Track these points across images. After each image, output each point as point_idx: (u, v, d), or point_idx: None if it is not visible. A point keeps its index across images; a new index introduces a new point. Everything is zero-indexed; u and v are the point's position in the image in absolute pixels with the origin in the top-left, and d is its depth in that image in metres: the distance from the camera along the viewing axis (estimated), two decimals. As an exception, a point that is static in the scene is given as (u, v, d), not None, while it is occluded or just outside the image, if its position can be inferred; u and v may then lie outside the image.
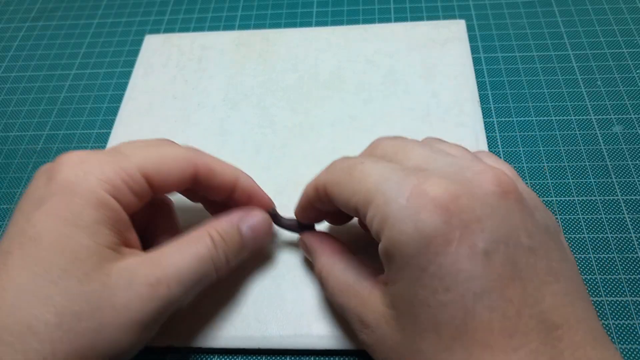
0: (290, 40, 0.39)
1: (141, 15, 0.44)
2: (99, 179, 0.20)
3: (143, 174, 0.21)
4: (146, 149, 0.22)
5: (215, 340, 0.25)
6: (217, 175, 0.24)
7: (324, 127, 0.33)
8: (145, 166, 0.21)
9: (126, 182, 0.21)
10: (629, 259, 0.27)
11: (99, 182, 0.20)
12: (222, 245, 0.22)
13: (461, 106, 0.33)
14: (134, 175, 0.21)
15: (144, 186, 0.21)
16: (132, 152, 0.22)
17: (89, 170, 0.20)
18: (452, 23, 0.38)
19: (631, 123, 0.33)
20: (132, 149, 0.22)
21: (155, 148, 0.22)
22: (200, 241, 0.22)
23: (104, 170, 0.20)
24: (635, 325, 0.25)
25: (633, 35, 0.38)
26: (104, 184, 0.20)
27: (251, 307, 0.26)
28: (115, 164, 0.21)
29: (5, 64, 0.42)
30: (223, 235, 0.23)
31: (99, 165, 0.20)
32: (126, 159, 0.21)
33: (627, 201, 0.29)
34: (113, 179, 0.20)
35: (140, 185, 0.21)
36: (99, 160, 0.21)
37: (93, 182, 0.20)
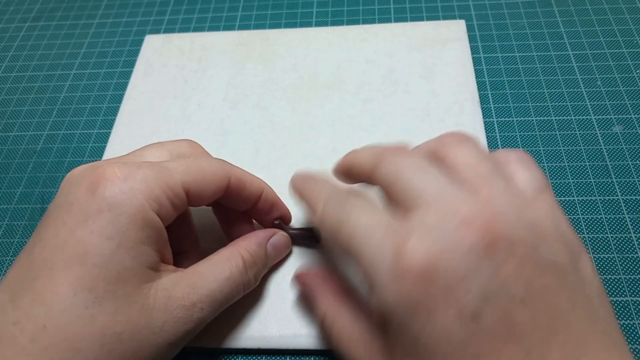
0: (290, 40, 0.39)
1: (141, 15, 0.44)
2: (146, 196, 0.20)
3: (185, 189, 0.21)
4: (187, 164, 0.22)
5: (215, 340, 0.25)
6: (247, 188, 0.24)
7: (324, 127, 0.33)
8: (187, 182, 0.22)
9: (170, 198, 0.21)
10: (629, 259, 0.27)
11: (146, 200, 0.20)
12: (253, 267, 0.23)
13: (461, 106, 0.33)
14: (177, 191, 0.21)
15: (184, 200, 0.22)
16: (174, 167, 0.22)
17: (135, 187, 0.20)
18: (452, 23, 0.38)
19: (631, 123, 0.33)
20: (172, 163, 0.22)
21: (194, 162, 0.23)
22: (233, 262, 0.22)
23: (151, 187, 0.20)
24: (635, 325, 0.25)
25: (633, 35, 0.38)
26: (151, 202, 0.20)
27: (251, 307, 0.26)
28: (161, 180, 0.21)
29: (5, 64, 0.42)
30: (254, 256, 0.24)
31: (145, 182, 0.20)
32: (170, 174, 0.21)
33: (627, 201, 0.29)
34: (159, 197, 0.20)
35: (181, 200, 0.22)
36: (145, 177, 0.20)
37: (140, 199, 0.20)
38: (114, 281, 0.19)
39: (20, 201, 0.33)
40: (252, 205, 0.25)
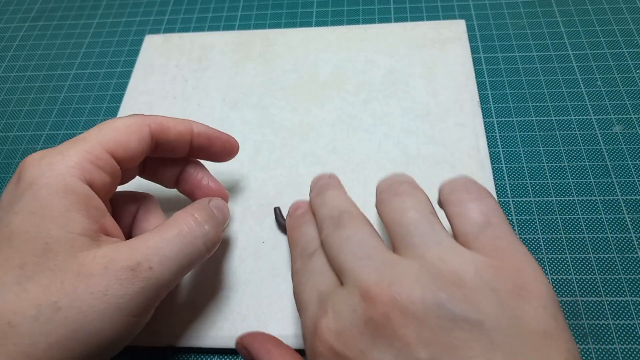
0: (290, 40, 0.39)
1: (141, 15, 0.44)
2: (64, 165, 0.20)
3: (106, 150, 0.22)
4: (99, 128, 0.22)
5: (215, 341, 0.25)
6: (171, 128, 0.24)
7: (324, 127, 0.33)
8: (105, 141, 0.22)
9: (93, 162, 0.21)
10: (629, 259, 0.27)
11: (65, 168, 0.20)
12: (209, 221, 0.23)
13: (461, 106, 0.33)
14: (98, 153, 0.21)
15: (111, 161, 0.22)
16: (88, 133, 0.22)
17: (52, 160, 0.20)
18: (452, 23, 0.38)
19: (631, 123, 0.33)
20: (85, 133, 0.22)
21: (106, 124, 0.23)
22: (182, 221, 0.22)
23: (68, 156, 0.20)
24: (635, 325, 0.25)
25: (633, 35, 0.38)
26: (71, 169, 0.20)
27: (251, 307, 0.26)
28: (77, 147, 0.21)
29: (5, 64, 0.42)
30: (203, 214, 0.23)
31: (61, 154, 0.21)
32: (84, 140, 0.21)
33: (627, 201, 0.29)
34: (79, 163, 0.20)
35: (107, 162, 0.22)
36: (61, 150, 0.21)
37: (58, 170, 0.20)
38: (43, 253, 0.19)
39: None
40: (190, 146, 0.25)
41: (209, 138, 0.26)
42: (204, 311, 0.26)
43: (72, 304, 0.18)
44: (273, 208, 0.29)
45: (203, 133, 0.26)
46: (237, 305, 0.26)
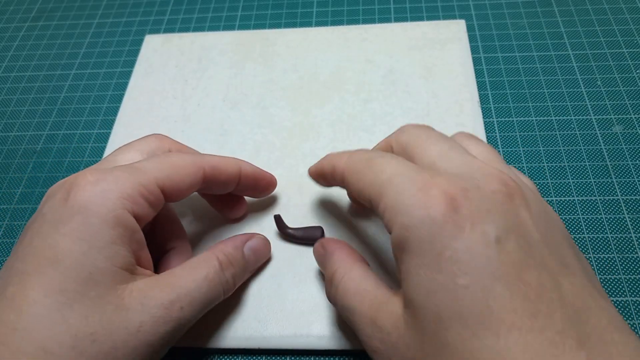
0: (290, 40, 0.39)
1: (141, 15, 0.44)
2: (118, 196, 0.20)
3: (160, 187, 0.22)
4: (159, 161, 0.22)
5: (215, 340, 0.25)
6: (223, 172, 0.25)
7: (324, 127, 0.33)
8: (161, 179, 0.22)
9: (145, 196, 0.21)
10: (629, 259, 0.27)
11: (118, 199, 0.20)
12: (231, 270, 0.23)
13: (461, 106, 0.33)
14: (151, 188, 0.21)
15: (160, 197, 0.22)
16: (146, 165, 0.22)
17: (107, 188, 0.20)
18: (452, 23, 0.38)
19: (631, 123, 0.33)
20: (143, 163, 0.22)
21: (166, 158, 0.23)
22: (209, 264, 0.23)
23: (123, 187, 0.20)
24: (635, 325, 0.25)
25: (633, 35, 0.38)
26: (123, 201, 0.20)
27: (251, 307, 0.26)
28: (133, 179, 0.21)
29: (5, 64, 0.42)
30: (230, 258, 0.24)
31: (116, 182, 0.20)
32: (142, 173, 0.21)
33: (627, 201, 0.29)
34: (132, 195, 0.20)
35: (157, 198, 0.22)
36: (117, 178, 0.20)
37: (112, 199, 0.20)
38: (86, 282, 0.19)
39: (20, 201, 0.33)
40: (235, 186, 0.26)
41: (255, 179, 0.27)
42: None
43: (107, 338, 0.19)
44: (273, 216, 0.29)
45: (250, 175, 0.26)
46: (236, 305, 0.26)
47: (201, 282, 0.22)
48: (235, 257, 0.24)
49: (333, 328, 0.25)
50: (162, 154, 0.24)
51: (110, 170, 0.21)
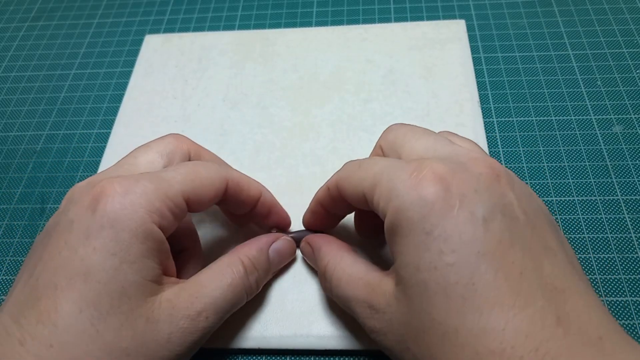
0: (290, 40, 0.39)
1: (141, 15, 0.44)
2: (147, 209, 0.20)
3: (185, 199, 0.22)
4: (185, 172, 0.22)
5: (215, 341, 0.25)
6: (244, 191, 0.24)
7: (324, 127, 0.33)
8: (187, 192, 0.22)
9: (171, 209, 0.21)
10: (629, 259, 0.27)
11: (147, 213, 0.20)
12: (254, 272, 0.23)
13: (461, 106, 0.33)
14: (177, 201, 0.21)
15: (184, 209, 0.22)
16: (173, 176, 0.22)
17: (136, 201, 0.20)
18: (452, 23, 0.38)
19: (631, 123, 0.33)
20: (170, 173, 0.22)
21: (192, 169, 0.22)
22: (234, 269, 0.23)
23: (151, 200, 0.20)
24: (635, 325, 0.25)
25: (633, 35, 0.38)
26: (152, 215, 0.20)
27: (251, 307, 0.26)
28: (160, 192, 0.21)
29: (5, 63, 0.42)
30: (254, 262, 0.23)
31: (145, 195, 0.20)
32: (169, 185, 0.21)
33: (627, 201, 0.29)
34: (160, 209, 0.20)
35: (182, 210, 0.22)
36: (145, 190, 0.20)
37: (141, 213, 0.20)
38: (119, 296, 0.19)
39: (20, 201, 0.33)
40: (250, 209, 0.25)
41: (270, 211, 0.26)
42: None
43: (139, 350, 0.19)
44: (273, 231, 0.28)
45: (267, 204, 0.26)
46: (237, 305, 0.26)
47: (226, 290, 0.22)
48: (260, 260, 0.24)
49: (333, 328, 0.25)
50: (189, 163, 0.23)
51: (137, 180, 0.20)
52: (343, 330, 0.25)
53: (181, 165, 0.23)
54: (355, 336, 0.25)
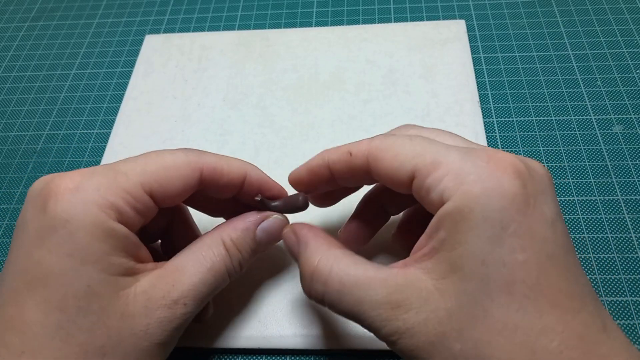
0: (290, 40, 0.39)
1: (141, 15, 0.44)
2: (100, 206, 0.18)
3: (147, 191, 0.20)
4: (144, 162, 0.20)
5: (216, 340, 0.25)
6: (225, 174, 0.22)
7: (324, 127, 0.33)
8: (147, 181, 0.20)
9: (130, 203, 0.19)
10: (629, 259, 0.27)
11: (102, 210, 0.18)
12: (238, 257, 0.22)
13: (461, 106, 0.33)
14: (137, 194, 0.20)
15: (148, 204, 0.20)
16: (129, 168, 0.20)
17: (87, 198, 0.18)
18: (452, 23, 0.38)
19: (631, 123, 0.33)
20: (129, 164, 0.20)
21: (154, 158, 0.21)
22: (215, 251, 0.21)
23: (105, 196, 0.19)
24: (635, 325, 0.25)
25: (633, 35, 0.38)
26: (107, 210, 0.19)
27: (251, 307, 0.26)
28: (115, 186, 0.19)
29: (5, 63, 0.42)
30: (237, 243, 0.22)
31: (98, 190, 0.19)
32: (125, 177, 0.20)
33: (627, 201, 0.29)
34: (116, 204, 0.19)
35: (144, 204, 0.20)
36: (97, 185, 0.19)
37: (95, 211, 0.18)
38: (86, 296, 0.18)
39: (20, 201, 0.33)
40: (237, 191, 0.23)
41: (261, 188, 0.24)
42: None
43: (117, 346, 0.18)
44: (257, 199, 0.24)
45: (255, 182, 0.24)
46: (237, 305, 0.26)
47: (206, 274, 0.21)
48: (245, 241, 0.22)
49: (333, 328, 0.25)
50: (151, 152, 0.21)
51: (90, 174, 0.19)
52: (343, 330, 0.25)
53: (143, 154, 0.21)
54: (355, 336, 0.25)
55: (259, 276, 0.27)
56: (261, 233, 0.23)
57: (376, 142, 0.20)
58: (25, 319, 0.18)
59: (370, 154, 0.20)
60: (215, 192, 0.23)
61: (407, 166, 0.19)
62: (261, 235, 0.23)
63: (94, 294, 0.18)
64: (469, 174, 0.17)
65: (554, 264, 0.17)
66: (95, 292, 0.18)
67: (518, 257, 0.16)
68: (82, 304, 0.18)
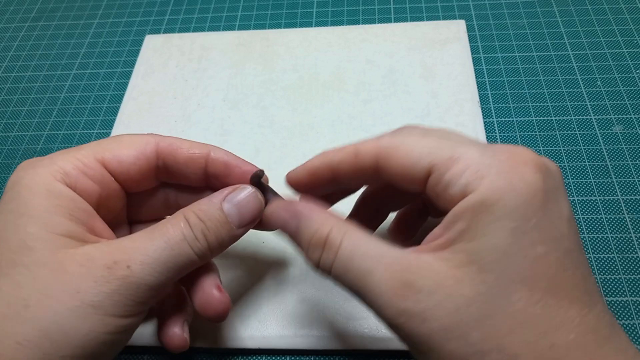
0: (290, 40, 0.39)
1: (141, 15, 0.44)
2: (49, 169, 0.20)
3: (99, 160, 0.21)
4: (104, 140, 0.22)
5: (216, 340, 0.25)
6: (183, 150, 0.22)
7: (324, 127, 0.33)
8: (100, 151, 0.22)
9: (80, 169, 0.21)
10: (629, 259, 0.27)
11: (48, 172, 0.20)
12: (200, 226, 0.20)
13: (461, 106, 0.33)
14: (88, 162, 0.21)
15: (101, 171, 0.21)
16: (88, 144, 0.22)
17: (38, 164, 0.20)
18: (452, 23, 0.38)
19: (631, 123, 0.33)
20: (90, 143, 0.22)
21: (114, 137, 0.23)
22: (173, 224, 0.20)
23: (55, 161, 0.21)
24: (635, 325, 0.25)
25: (633, 35, 0.38)
26: (55, 173, 0.20)
27: (251, 307, 0.26)
28: (67, 154, 0.21)
29: (5, 64, 0.42)
30: (200, 215, 0.21)
31: (50, 159, 0.21)
32: (79, 149, 0.22)
33: (627, 201, 0.29)
34: (64, 167, 0.20)
35: (97, 171, 0.21)
36: (51, 156, 0.21)
37: (42, 173, 0.20)
38: (18, 249, 0.18)
39: (21, 201, 0.33)
40: (202, 172, 0.23)
41: (227, 166, 0.23)
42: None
43: (43, 302, 0.18)
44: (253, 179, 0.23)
45: (220, 159, 0.23)
46: (237, 305, 0.26)
47: (158, 243, 0.19)
48: (209, 212, 0.21)
49: (333, 328, 0.25)
50: (115, 135, 0.23)
51: (52, 154, 0.21)
52: (343, 330, 0.25)
53: (109, 137, 0.23)
54: (355, 336, 0.25)
55: (259, 276, 0.27)
56: (229, 205, 0.21)
57: (385, 141, 0.20)
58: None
59: (379, 152, 0.20)
60: (179, 175, 0.23)
61: (422, 162, 0.18)
62: (229, 208, 0.21)
63: (26, 247, 0.19)
64: (491, 167, 0.17)
65: (571, 259, 0.17)
66: (28, 246, 0.19)
67: (539, 250, 0.17)
68: (15, 256, 0.18)
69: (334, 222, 0.19)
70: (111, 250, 0.19)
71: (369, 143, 0.20)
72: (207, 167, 0.23)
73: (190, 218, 0.21)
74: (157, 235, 0.20)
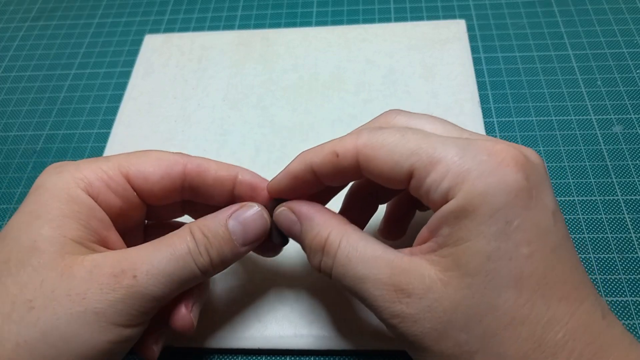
0: (290, 40, 0.39)
1: (141, 15, 0.44)
2: (73, 176, 0.20)
3: (124, 174, 0.21)
4: (133, 154, 0.22)
5: (216, 340, 0.25)
6: (211, 172, 0.22)
7: (324, 127, 0.33)
8: (126, 166, 0.21)
9: (104, 180, 0.21)
10: (629, 259, 0.27)
11: (72, 179, 0.20)
12: (204, 241, 0.20)
13: (461, 106, 0.33)
14: (113, 174, 0.21)
15: (124, 186, 0.21)
16: (116, 156, 0.22)
17: (64, 170, 0.21)
18: (452, 23, 0.38)
19: (631, 123, 0.33)
20: (119, 155, 0.22)
21: (143, 152, 0.22)
22: (180, 237, 0.20)
23: (80, 169, 0.21)
24: (635, 325, 0.25)
25: (633, 35, 0.38)
26: (78, 181, 0.20)
27: (251, 307, 0.26)
28: (93, 163, 0.21)
29: (5, 63, 0.42)
30: (205, 231, 0.21)
31: (75, 166, 0.21)
32: (106, 160, 0.22)
33: (627, 201, 0.29)
34: (89, 177, 0.21)
35: (120, 185, 0.21)
36: (77, 163, 0.21)
37: (66, 179, 0.20)
38: (28, 250, 0.19)
39: (20, 201, 0.33)
40: (228, 194, 0.23)
41: (254, 189, 0.23)
42: (204, 312, 0.26)
43: (47, 305, 0.18)
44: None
45: (247, 182, 0.23)
46: (237, 305, 0.26)
47: (164, 255, 0.20)
48: (213, 229, 0.21)
49: (333, 328, 0.25)
50: (142, 150, 0.23)
51: (81, 160, 0.22)
52: (343, 330, 0.25)
53: (139, 151, 0.23)
54: (355, 336, 0.25)
55: (259, 276, 0.27)
56: (234, 222, 0.21)
57: (364, 140, 0.19)
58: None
59: (360, 153, 0.19)
60: (205, 194, 0.23)
61: (403, 165, 0.18)
62: (234, 224, 0.21)
63: (36, 249, 0.19)
64: (470, 171, 0.17)
65: (557, 255, 0.17)
66: (39, 248, 0.19)
67: (523, 251, 0.16)
68: (24, 257, 0.19)
69: (334, 225, 0.20)
70: (119, 258, 0.19)
71: (348, 142, 0.20)
72: (234, 190, 0.23)
73: (196, 233, 0.21)
74: (164, 247, 0.20)
